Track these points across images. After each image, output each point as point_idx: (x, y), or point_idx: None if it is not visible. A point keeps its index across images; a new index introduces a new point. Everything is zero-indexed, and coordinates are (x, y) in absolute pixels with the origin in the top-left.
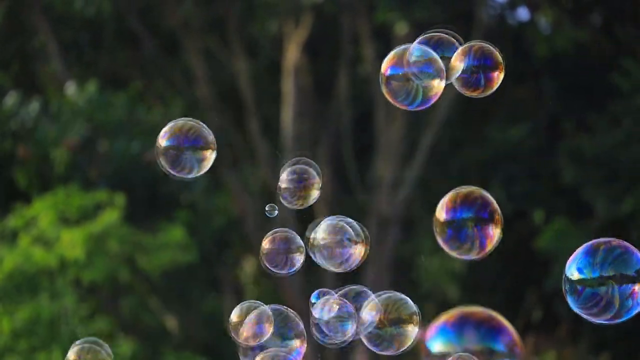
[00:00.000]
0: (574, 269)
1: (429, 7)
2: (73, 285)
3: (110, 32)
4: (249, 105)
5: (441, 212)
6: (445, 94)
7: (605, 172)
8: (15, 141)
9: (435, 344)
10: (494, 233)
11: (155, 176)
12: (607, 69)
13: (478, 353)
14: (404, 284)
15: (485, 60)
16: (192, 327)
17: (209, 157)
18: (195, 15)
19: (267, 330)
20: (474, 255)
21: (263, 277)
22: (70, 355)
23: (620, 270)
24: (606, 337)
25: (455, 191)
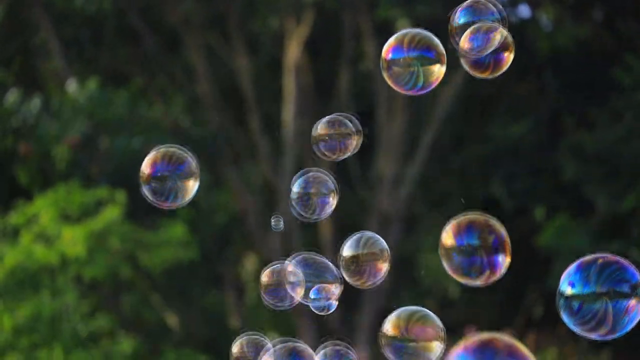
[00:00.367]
0: (567, 285)
1: (430, 3)
2: (74, 282)
3: (111, 29)
4: (249, 102)
5: (448, 238)
6: (445, 93)
7: (606, 169)
8: (16, 138)
9: None
10: (503, 261)
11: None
12: (609, 64)
13: None
14: (405, 281)
15: (494, 42)
16: (193, 324)
17: (192, 186)
18: (196, 12)
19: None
20: (481, 282)
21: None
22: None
23: (614, 285)
24: None
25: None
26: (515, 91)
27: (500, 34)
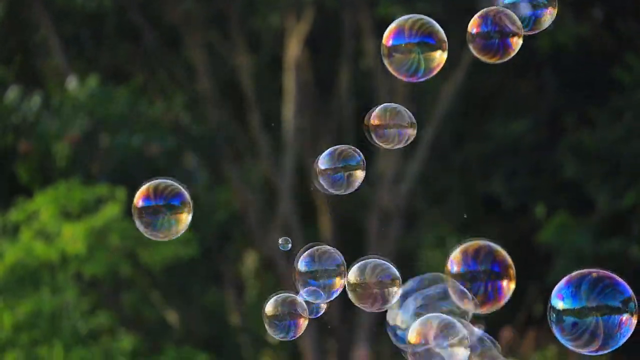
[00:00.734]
0: (559, 299)
1: (430, 1)
2: (74, 279)
3: (111, 27)
4: (250, 99)
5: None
6: (445, 91)
7: (606, 167)
8: (16, 136)
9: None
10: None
11: (157, 170)
12: (609, 63)
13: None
14: (405, 277)
15: (503, 26)
16: (193, 322)
17: (185, 219)
18: (197, 9)
19: None
20: (486, 309)
21: (264, 272)
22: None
23: (606, 300)
24: None
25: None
26: (515, 89)
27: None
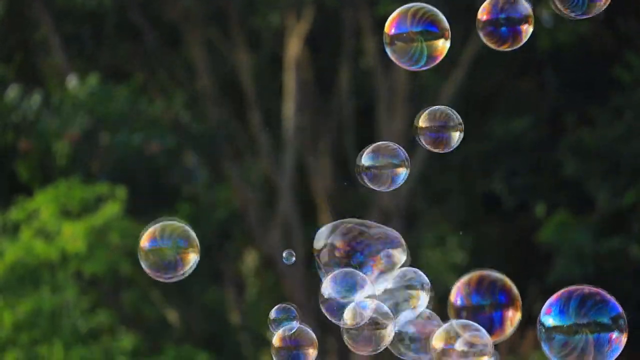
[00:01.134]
0: (549, 316)
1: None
2: (74, 278)
3: (111, 25)
4: (250, 98)
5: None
6: (446, 90)
7: (606, 165)
8: (17, 134)
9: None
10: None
11: (157, 169)
12: (609, 62)
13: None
14: None
15: (514, 13)
16: (193, 321)
17: (192, 259)
18: (197, 7)
19: None
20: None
21: (264, 270)
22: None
23: (595, 317)
24: None
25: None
26: (515, 88)
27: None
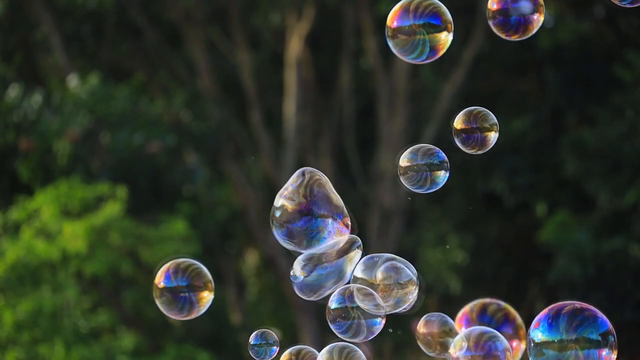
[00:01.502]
0: (538, 332)
1: None
2: (75, 277)
3: (112, 24)
4: (251, 97)
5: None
6: (446, 89)
7: (607, 164)
8: (17, 133)
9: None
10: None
11: (158, 168)
12: (610, 61)
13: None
14: None
15: (525, 2)
16: (193, 320)
17: (207, 297)
18: (198, 6)
19: None
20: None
21: (265, 270)
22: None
23: (584, 333)
24: None
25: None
26: (516, 87)
27: None
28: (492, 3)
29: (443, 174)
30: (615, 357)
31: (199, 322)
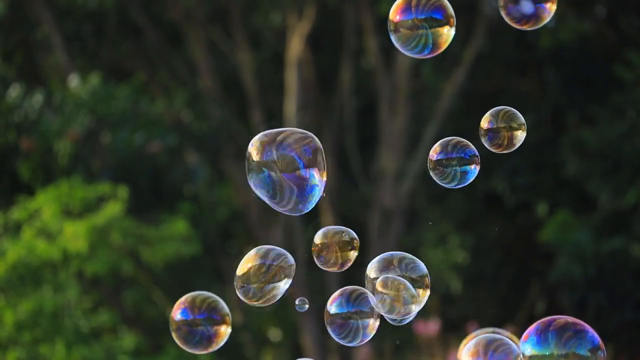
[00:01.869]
0: (528, 345)
1: None
2: (76, 277)
3: (113, 24)
4: (252, 96)
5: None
6: (447, 89)
7: (608, 164)
8: (18, 133)
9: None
10: None
11: (158, 168)
12: (611, 61)
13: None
14: None
15: None
16: None
17: (224, 331)
18: (199, 6)
19: None
20: None
21: None
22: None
23: (573, 348)
24: (609, 329)
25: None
26: (516, 87)
27: None
28: None
29: (474, 169)
30: None
31: None
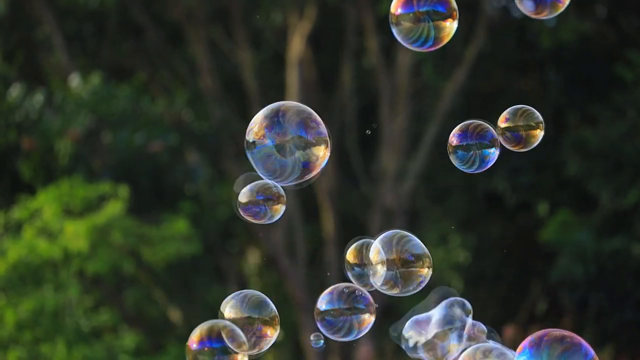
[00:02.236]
0: (522, 358)
1: None
2: (77, 277)
3: (114, 23)
4: (252, 96)
5: None
6: (448, 89)
7: (609, 164)
8: (19, 133)
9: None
10: None
11: (159, 167)
12: (611, 60)
13: None
14: None
15: None
16: (195, 319)
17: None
18: (199, 6)
19: None
20: None
21: (266, 269)
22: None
23: None
24: (609, 329)
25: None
26: (517, 86)
27: None
28: None
29: (493, 152)
30: None
31: (201, 321)
